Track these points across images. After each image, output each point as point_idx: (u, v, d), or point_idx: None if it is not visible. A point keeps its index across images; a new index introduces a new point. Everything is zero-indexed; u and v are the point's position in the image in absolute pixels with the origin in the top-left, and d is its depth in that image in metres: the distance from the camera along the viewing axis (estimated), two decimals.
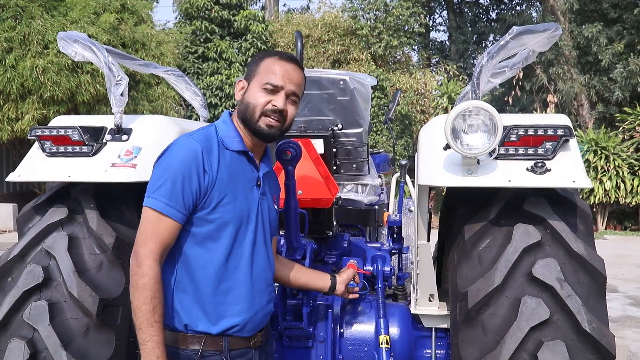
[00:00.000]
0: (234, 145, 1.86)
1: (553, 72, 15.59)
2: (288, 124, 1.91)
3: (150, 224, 1.74)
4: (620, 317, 6.19)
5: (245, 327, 1.85)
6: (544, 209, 2.19)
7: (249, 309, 1.85)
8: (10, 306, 2.24)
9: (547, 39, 2.35)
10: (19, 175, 2.44)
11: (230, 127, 1.90)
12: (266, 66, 1.88)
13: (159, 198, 1.73)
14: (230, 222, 1.81)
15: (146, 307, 1.69)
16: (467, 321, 2.14)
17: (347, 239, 2.99)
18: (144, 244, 1.73)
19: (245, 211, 1.85)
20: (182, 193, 1.73)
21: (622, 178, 12.67)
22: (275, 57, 1.90)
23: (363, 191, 2.81)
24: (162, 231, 1.74)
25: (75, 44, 2.51)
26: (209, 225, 1.79)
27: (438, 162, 2.23)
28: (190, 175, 1.74)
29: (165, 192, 1.73)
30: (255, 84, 1.88)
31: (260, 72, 1.88)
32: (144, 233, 1.74)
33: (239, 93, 1.92)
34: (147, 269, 1.70)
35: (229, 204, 1.80)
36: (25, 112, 10.61)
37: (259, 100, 1.85)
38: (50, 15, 10.85)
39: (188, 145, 1.78)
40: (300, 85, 1.92)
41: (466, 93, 2.51)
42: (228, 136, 1.87)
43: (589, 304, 2.05)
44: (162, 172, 1.76)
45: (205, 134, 1.84)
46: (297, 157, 2.18)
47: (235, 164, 1.85)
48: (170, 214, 1.73)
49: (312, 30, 16.42)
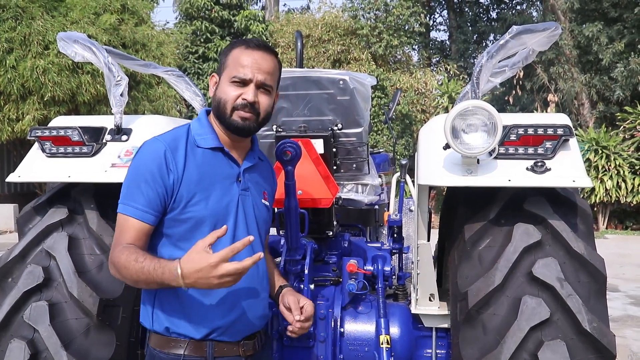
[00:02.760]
0: (206, 142, 1.83)
1: (554, 71, 15.59)
2: (264, 115, 1.86)
3: (119, 229, 1.75)
4: (621, 317, 6.19)
5: (227, 331, 1.79)
6: (544, 208, 2.19)
7: (231, 310, 1.79)
8: (11, 306, 2.24)
9: (547, 38, 2.35)
10: (19, 176, 2.44)
11: (204, 125, 1.87)
12: (234, 58, 1.82)
13: (126, 202, 1.74)
14: (205, 220, 1.76)
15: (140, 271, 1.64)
16: (467, 321, 2.14)
17: (347, 239, 2.99)
18: (114, 248, 1.73)
19: (221, 209, 1.79)
20: (147, 194, 1.72)
21: (622, 177, 12.67)
22: (242, 47, 1.83)
23: (363, 191, 2.80)
24: (130, 233, 1.72)
25: (75, 45, 2.51)
26: (182, 225, 1.76)
27: (438, 162, 2.23)
28: (154, 176, 1.72)
29: (131, 195, 1.73)
30: (225, 78, 1.83)
31: (229, 65, 1.83)
32: (115, 238, 1.75)
33: (212, 89, 1.88)
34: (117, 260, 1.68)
35: (200, 202, 1.76)
36: (25, 112, 10.62)
37: (229, 95, 1.80)
38: (51, 15, 10.86)
39: (151, 147, 1.77)
40: (271, 72, 1.84)
41: (466, 92, 2.51)
42: (200, 134, 1.84)
43: (590, 304, 2.05)
44: (128, 178, 1.77)
45: (173, 134, 1.82)
46: (297, 157, 2.18)
47: (208, 162, 1.81)
48: (137, 215, 1.72)
49: (313, 30, 16.42)
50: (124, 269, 1.66)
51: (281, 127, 2.63)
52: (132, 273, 1.65)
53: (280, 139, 2.50)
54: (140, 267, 1.63)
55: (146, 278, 1.63)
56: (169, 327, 1.77)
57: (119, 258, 1.67)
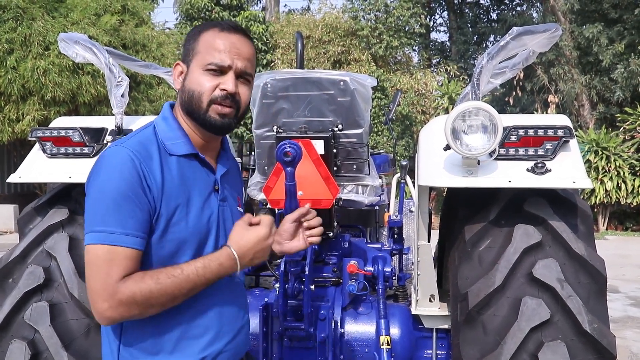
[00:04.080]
0: (179, 149, 1.52)
1: (554, 72, 15.59)
2: (243, 110, 1.58)
3: (104, 265, 1.37)
4: (621, 318, 6.18)
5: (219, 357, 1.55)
6: (545, 209, 2.20)
7: (218, 338, 1.54)
8: (12, 307, 2.25)
9: (547, 39, 2.35)
10: (20, 177, 2.45)
11: (173, 126, 1.55)
12: (207, 42, 1.52)
13: (107, 230, 1.38)
14: (187, 241, 1.49)
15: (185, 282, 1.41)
16: (467, 322, 2.14)
17: (347, 240, 2.99)
18: (103, 295, 1.36)
19: (203, 226, 1.52)
20: (134, 214, 1.39)
21: (623, 178, 12.66)
22: (215, 29, 1.54)
23: (363, 192, 2.80)
24: (122, 265, 1.38)
25: (76, 45, 2.52)
26: (163, 249, 1.46)
27: (438, 163, 2.23)
28: (136, 191, 1.40)
29: (114, 219, 1.38)
30: (196, 66, 1.52)
31: (200, 51, 1.52)
32: (99, 279, 1.37)
33: (177, 80, 1.57)
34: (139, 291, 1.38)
35: (180, 221, 1.47)
36: (26, 113, 10.63)
37: (204, 86, 1.50)
38: (51, 16, 10.87)
39: (120, 157, 1.42)
40: (251, 59, 1.57)
41: (466, 94, 2.52)
42: (170, 138, 1.52)
43: (590, 305, 2.05)
44: (100, 198, 1.40)
45: (139, 139, 1.49)
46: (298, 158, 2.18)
47: (184, 171, 1.51)
48: (128, 243, 1.38)
49: (313, 31, 16.42)
50: (158, 294, 1.38)
51: (282, 128, 2.63)
52: (170, 292, 1.39)
53: (280, 140, 2.50)
54: (183, 279, 1.40)
55: (193, 286, 1.42)
56: None
57: (140, 289, 1.37)
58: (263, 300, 2.78)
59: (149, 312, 1.41)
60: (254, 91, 2.60)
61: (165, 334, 1.48)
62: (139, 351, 1.48)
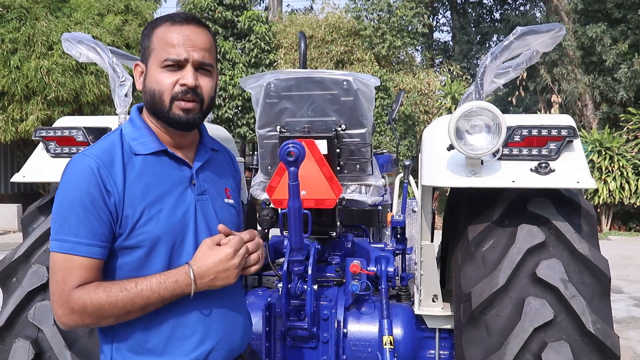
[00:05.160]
0: (145, 147, 1.51)
1: (557, 72, 15.57)
2: (208, 102, 1.55)
3: (60, 271, 1.40)
4: (625, 318, 6.17)
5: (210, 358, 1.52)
6: (548, 209, 2.19)
7: (207, 338, 1.52)
8: (15, 306, 2.26)
9: (551, 39, 2.35)
10: (24, 176, 2.46)
11: (139, 126, 1.55)
12: (160, 38, 1.50)
13: (62, 238, 1.40)
14: (160, 240, 1.47)
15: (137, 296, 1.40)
16: (471, 322, 2.13)
17: (350, 240, 2.99)
18: (64, 294, 1.38)
19: (176, 223, 1.50)
20: (89, 223, 1.40)
21: (626, 178, 12.63)
22: (167, 24, 1.51)
23: (367, 192, 2.80)
24: (77, 274, 1.39)
25: (79, 45, 2.53)
26: (134, 252, 1.45)
27: (442, 163, 2.23)
28: (93, 199, 1.40)
29: (68, 228, 1.40)
30: (153, 64, 1.51)
31: (155, 48, 1.50)
32: (56, 284, 1.40)
33: (139, 81, 1.55)
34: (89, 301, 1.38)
35: (150, 221, 1.45)
36: (29, 112, 10.66)
37: (163, 84, 1.49)
38: (55, 16, 10.91)
39: (80, 166, 1.43)
40: (208, 48, 1.53)
41: (470, 93, 2.51)
42: (135, 138, 1.52)
43: (594, 305, 2.04)
44: (58, 206, 1.42)
45: (104, 145, 1.49)
46: (301, 158, 2.18)
47: (153, 170, 1.50)
48: (82, 252, 1.39)
49: (316, 31, 16.42)
50: (108, 307, 1.38)
51: (285, 128, 2.63)
52: (121, 306, 1.39)
53: (284, 139, 2.50)
54: (135, 293, 1.39)
55: (145, 302, 1.41)
56: None
57: (90, 299, 1.37)
58: (266, 300, 2.78)
59: (105, 323, 1.42)
60: (257, 91, 2.60)
61: (154, 335, 1.48)
62: (130, 352, 1.48)
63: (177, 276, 1.43)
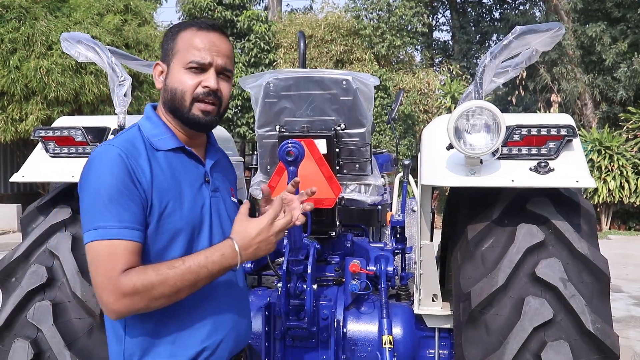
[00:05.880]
0: (165, 144, 1.57)
1: (557, 71, 15.57)
2: (225, 106, 1.63)
3: (105, 260, 1.40)
4: (625, 317, 6.17)
5: (214, 353, 1.57)
6: (548, 209, 2.19)
7: (217, 329, 1.58)
8: (15, 306, 2.25)
9: (550, 38, 2.34)
10: (23, 176, 2.45)
11: (157, 123, 1.60)
12: (186, 41, 1.57)
13: (105, 225, 1.41)
14: (182, 232, 1.53)
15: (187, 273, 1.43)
16: (470, 321, 2.13)
17: (350, 239, 2.99)
18: (113, 280, 1.39)
19: (196, 216, 1.56)
20: (129, 207, 1.43)
21: (626, 178, 12.64)
22: (193, 28, 1.59)
23: (366, 191, 2.80)
24: (124, 259, 1.41)
25: (78, 45, 2.52)
26: (158, 241, 1.50)
27: (441, 162, 2.23)
28: (128, 186, 1.44)
29: (110, 214, 1.42)
30: (177, 64, 1.57)
31: (180, 50, 1.57)
32: (102, 274, 1.40)
33: (158, 79, 1.62)
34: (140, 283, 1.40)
35: (174, 212, 1.51)
36: (29, 112, 10.66)
37: (186, 84, 1.55)
38: (54, 16, 10.90)
39: (109, 155, 1.46)
40: (230, 56, 1.62)
41: (469, 93, 2.51)
42: (155, 135, 1.57)
43: (593, 304, 2.04)
44: (94, 196, 1.43)
45: (127, 138, 1.54)
46: (300, 157, 2.18)
47: (173, 165, 1.56)
48: (127, 236, 1.42)
49: (315, 31, 16.42)
50: (159, 285, 1.40)
51: (284, 128, 2.63)
52: (172, 284, 1.41)
53: (283, 139, 2.50)
54: (184, 270, 1.42)
55: (195, 278, 1.43)
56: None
57: (140, 280, 1.39)
58: (265, 299, 2.78)
59: (155, 305, 1.43)
60: (256, 90, 2.60)
61: (167, 325, 1.51)
62: (142, 342, 1.51)
63: (223, 250, 1.48)
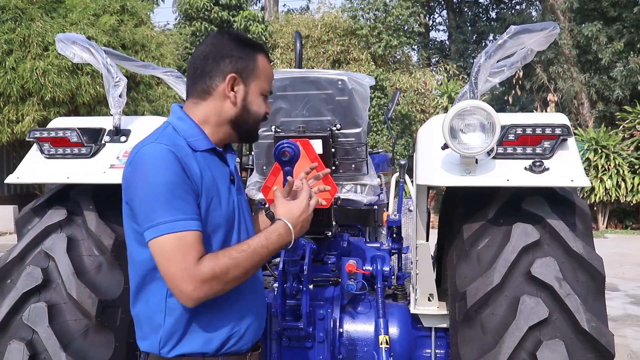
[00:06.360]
0: (200, 144, 1.64)
1: (553, 71, 15.59)
2: None
3: (178, 251, 1.48)
4: (621, 316, 6.19)
5: (240, 340, 1.67)
6: (543, 208, 2.19)
7: (244, 317, 1.68)
8: (10, 308, 2.24)
9: (545, 38, 2.35)
10: (18, 177, 2.45)
11: (191, 125, 1.66)
12: (264, 69, 1.72)
13: (173, 219, 1.48)
14: (220, 227, 1.62)
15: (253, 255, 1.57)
16: (466, 321, 2.14)
17: (346, 239, 2.98)
18: (186, 278, 1.47)
19: (231, 213, 1.67)
20: (190, 201, 1.52)
21: (622, 177, 12.66)
22: (265, 57, 1.73)
23: (362, 191, 2.80)
24: (197, 248, 1.50)
25: (73, 46, 2.52)
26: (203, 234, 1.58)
27: (436, 162, 2.23)
28: (185, 181, 1.52)
29: (176, 208, 1.49)
30: (255, 88, 1.70)
31: (260, 76, 1.70)
32: (177, 265, 1.48)
33: (231, 92, 1.67)
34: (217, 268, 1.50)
35: (216, 208, 1.61)
36: (25, 114, 10.62)
37: (261, 109, 1.73)
38: (50, 17, 10.86)
39: (162, 152, 1.52)
40: None
41: (465, 93, 2.51)
42: (191, 135, 1.64)
43: (588, 303, 2.05)
44: (154, 192, 1.50)
45: (169, 138, 1.59)
46: (296, 158, 2.18)
47: (209, 165, 1.64)
48: (195, 226, 1.51)
49: (312, 31, 16.43)
50: (233, 269, 1.52)
51: (280, 128, 2.63)
52: (243, 266, 1.55)
53: (278, 139, 2.50)
54: (251, 252, 1.56)
55: (260, 258, 1.59)
56: (181, 349, 1.60)
57: (217, 266, 1.50)
58: None
59: (228, 287, 1.55)
60: None
61: (201, 314, 1.60)
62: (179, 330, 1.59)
63: (279, 230, 1.65)
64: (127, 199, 1.58)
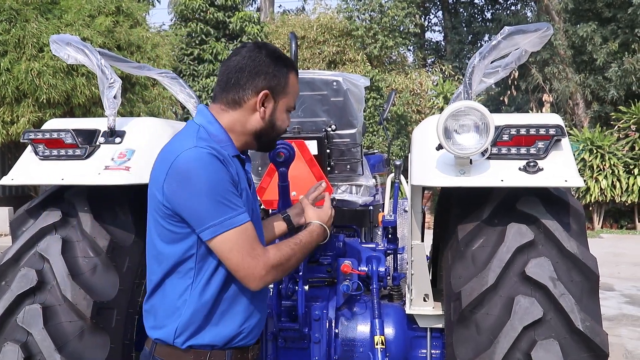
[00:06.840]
0: (229, 150, 1.72)
1: (548, 71, 15.64)
2: None
3: (244, 243, 1.61)
4: (616, 316, 6.21)
5: (248, 335, 1.76)
6: (537, 208, 2.20)
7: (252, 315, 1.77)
8: (4, 310, 2.23)
9: (539, 38, 2.36)
10: (12, 179, 2.44)
11: (219, 130, 1.73)
12: (292, 86, 1.80)
13: (234, 214, 1.60)
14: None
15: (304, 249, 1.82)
16: (461, 321, 2.14)
17: (341, 240, 2.98)
18: (257, 257, 1.63)
19: (256, 215, 1.80)
20: (237, 195, 1.64)
21: (617, 177, 12.71)
22: (295, 75, 1.82)
23: (357, 192, 2.81)
24: (257, 240, 1.66)
25: (68, 47, 2.51)
26: None
27: (431, 163, 2.23)
28: (231, 178, 1.63)
29: (235, 204, 1.61)
30: (283, 105, 1.79)
31: (289, 93, 1.79)
32: (245, 255, 1.61)
33: (261, 108, 1.74)
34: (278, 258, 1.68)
35: (247, 209, 1.69)
36: (20, 115, 10.57)
37: (285, 125, 1.83)
38: (45, 18, 10.82)
39: (207, 156, 1.60)
40: None
41: (459, 93, 2.52)
42: (222, 140, 1.71)
43: (582, 303, 2.05)
44: (210, 192, 1.58)
45: (207, 142, 1.66)
46: (291, 159, 2.18)
47: (239, 169, 1.73)
48: (248, 217, 1.64)
49: (308, 32, 16.44)
50: (292, 258, 1.74)
51: None
52: (298, 257, 1.77)
53: None
54: (302, 246, 1.80)
55: (307, 252, 1.85)
56: (194, 341, 1.68)
57: (281, 254, 1.70)
58: None
59: (282, 276, 1.82)
60: None
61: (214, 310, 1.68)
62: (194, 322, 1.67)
63: (316, 230, 1.92)
64: (167, 202, 1.62)
